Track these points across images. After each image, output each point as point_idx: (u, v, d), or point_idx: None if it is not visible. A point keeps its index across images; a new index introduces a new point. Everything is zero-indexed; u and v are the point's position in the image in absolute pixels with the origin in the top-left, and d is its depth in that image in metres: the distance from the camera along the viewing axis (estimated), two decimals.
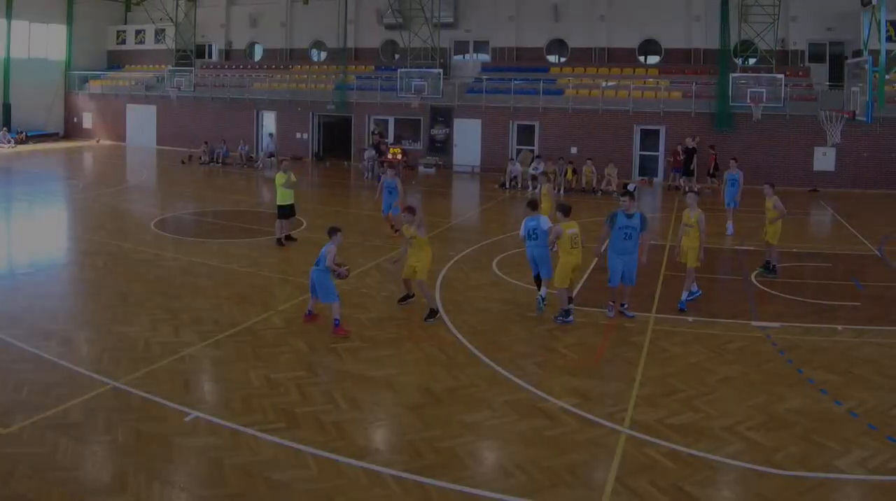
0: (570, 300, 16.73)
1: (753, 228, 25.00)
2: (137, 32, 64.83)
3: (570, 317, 16.47)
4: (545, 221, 17.28)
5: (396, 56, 54.80)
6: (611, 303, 16.75)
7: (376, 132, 46.73)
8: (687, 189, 38.46)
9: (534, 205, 17.89)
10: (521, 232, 17.52)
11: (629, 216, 16.01)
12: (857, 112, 31.40)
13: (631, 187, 38.30)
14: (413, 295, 17.10)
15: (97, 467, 9.67)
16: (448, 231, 26.75)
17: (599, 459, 10.27)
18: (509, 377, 13.14)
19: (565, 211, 16.84)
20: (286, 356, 13.91)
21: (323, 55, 58.46)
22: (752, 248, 23.76)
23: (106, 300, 17.31)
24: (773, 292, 19.21)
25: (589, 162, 39.24)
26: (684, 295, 17.43)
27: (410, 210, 16.34)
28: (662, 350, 14.69)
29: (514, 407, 11.85)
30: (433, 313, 16.11)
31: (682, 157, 39.39)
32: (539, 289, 17.35)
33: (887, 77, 30.82)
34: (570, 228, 16.45)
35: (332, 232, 15.68)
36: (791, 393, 12.58)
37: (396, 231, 23.53)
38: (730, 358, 14.37)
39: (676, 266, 18.56)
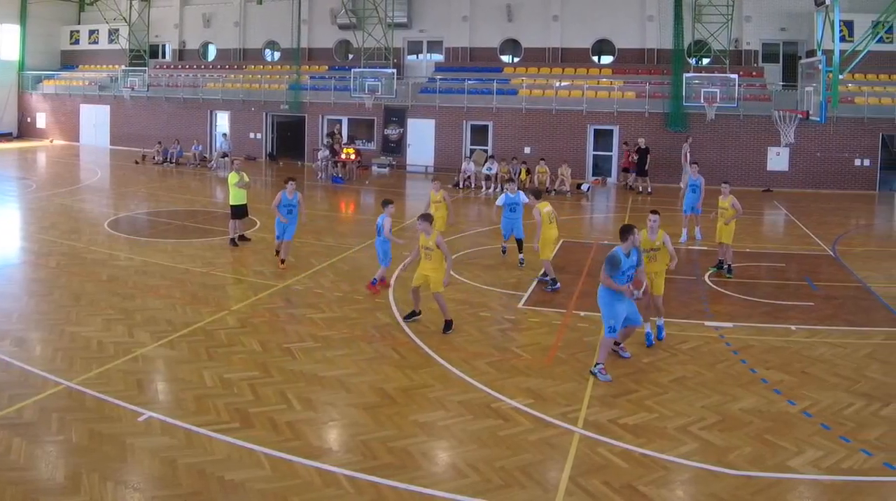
0: (554, 281, 19.28)
1: (707, 228, 25.02)
2: (91, 32, 64.18)
3: (558, 285, 19.08)
4: (523, 197, 21.25)
5: (350, 56, 54.73)
6: (623, 346, 14.56)
7: (337, 132, 46.69)
8: (641, 188, 38.89)
9: (511, 183, 22.91)
10: (500, 202, 21.73)
11: (628, 255, 13.67)
12: (811, 112, 31.80)
13: (585, 187, 38.70)
14: (420, 312, 16.52)
15: (51, 467, 9.64)
16: (402, 231, 26.68)
17: (553, 459, 10.34)
18: (463, 377, 13.20)
19: (537, 194, 20.19)
20: (240, 356, 13.93)
21: (276, 55, 58.20)
22: (705, 248, 24.02)
23: (59, 300, 17.23)
24: (726, 292, 19.37)
25: (542, 162, 39.37)
26: (660, 322, 15.46)
27: (427, 217, 15.94)
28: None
29: (467, 407, 11.91)
30: (449, 325, 15.77)
31: (635, 158, 39.60)
32: (520, 252, 21.64)
33: (841, 77, 31.20)
34: (545, 207, 19.45)
35: (386, 203, 17.76)
36: (744, 393, 12.70)
37: (283, 261, 20.90)
38: (683, 358, 14.44)
39: None
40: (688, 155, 39.13)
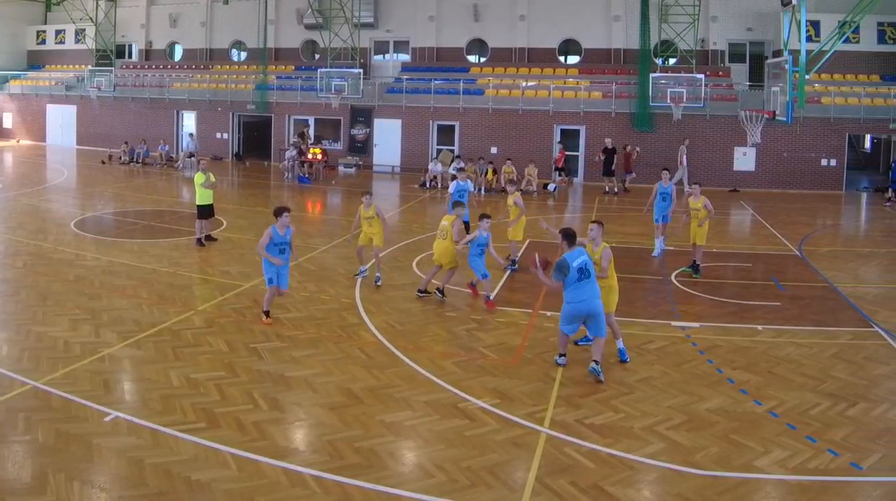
0: (514, 262, 21.32)
1: (679, 230, 24.94)
2: (57, 32, 63.80)
3: (517, 267, 21.20)
4: (470, 184, 25.09)
5: (317, 56, 54.84)
6: (563, 354, 13.99)
7: (306, 133, 46.66)
8: (608, 189, 39.06)
9: (462, 172, 25.90)
10: (451, 189, 24.43)
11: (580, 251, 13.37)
12: (778, 112, 31.97)
13: (551, 187, 38.82)
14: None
15: (17, 467, 9.62)
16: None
17: (519, 459, 10.34)
18: (429, 377, 13.22)
19: (512, 184, 23.11)
20: (206, 356, 13.91)
21: (243, 55, 58.16)
22: (672, 248, 24.11)
23: (26, 300, 17.15)
24: (693, 292, 19.46)
25: (509, 162, 39.40)
26: (620, 344, 14.35)
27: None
28: (582, 349, 14.65)
29: (434, 407, 11.92)
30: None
31: (602, 158, 39.76)
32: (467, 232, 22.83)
33: (807, 77, 31.45)
34: (518, 197, 21.51)
35: (483, 217, 18.03)
36: (711, 393, 12.72)
37: (267, 314, 16.11)
38: (650, 357, 14.48)
39: None
40: (684, 157, 39.28)
